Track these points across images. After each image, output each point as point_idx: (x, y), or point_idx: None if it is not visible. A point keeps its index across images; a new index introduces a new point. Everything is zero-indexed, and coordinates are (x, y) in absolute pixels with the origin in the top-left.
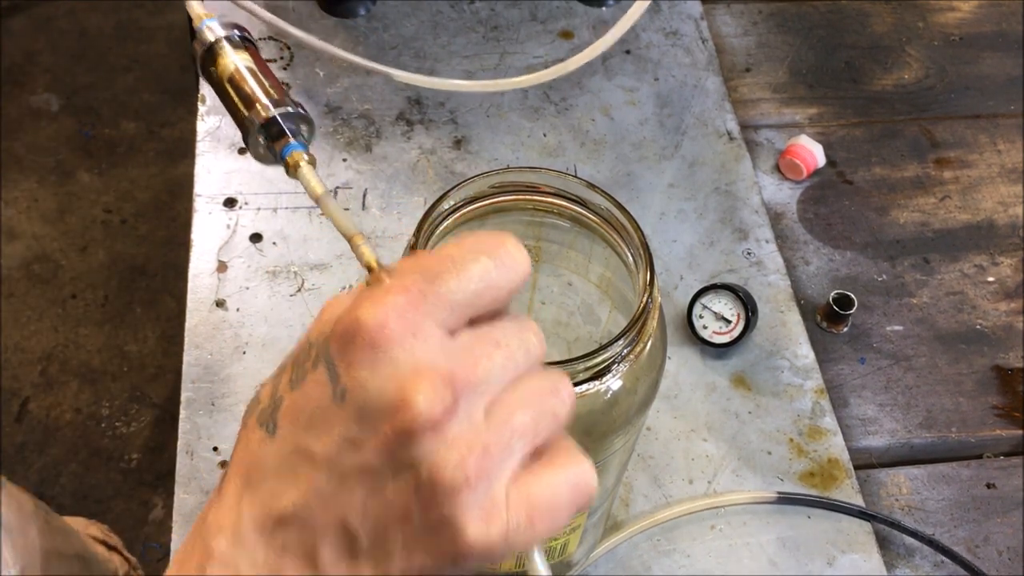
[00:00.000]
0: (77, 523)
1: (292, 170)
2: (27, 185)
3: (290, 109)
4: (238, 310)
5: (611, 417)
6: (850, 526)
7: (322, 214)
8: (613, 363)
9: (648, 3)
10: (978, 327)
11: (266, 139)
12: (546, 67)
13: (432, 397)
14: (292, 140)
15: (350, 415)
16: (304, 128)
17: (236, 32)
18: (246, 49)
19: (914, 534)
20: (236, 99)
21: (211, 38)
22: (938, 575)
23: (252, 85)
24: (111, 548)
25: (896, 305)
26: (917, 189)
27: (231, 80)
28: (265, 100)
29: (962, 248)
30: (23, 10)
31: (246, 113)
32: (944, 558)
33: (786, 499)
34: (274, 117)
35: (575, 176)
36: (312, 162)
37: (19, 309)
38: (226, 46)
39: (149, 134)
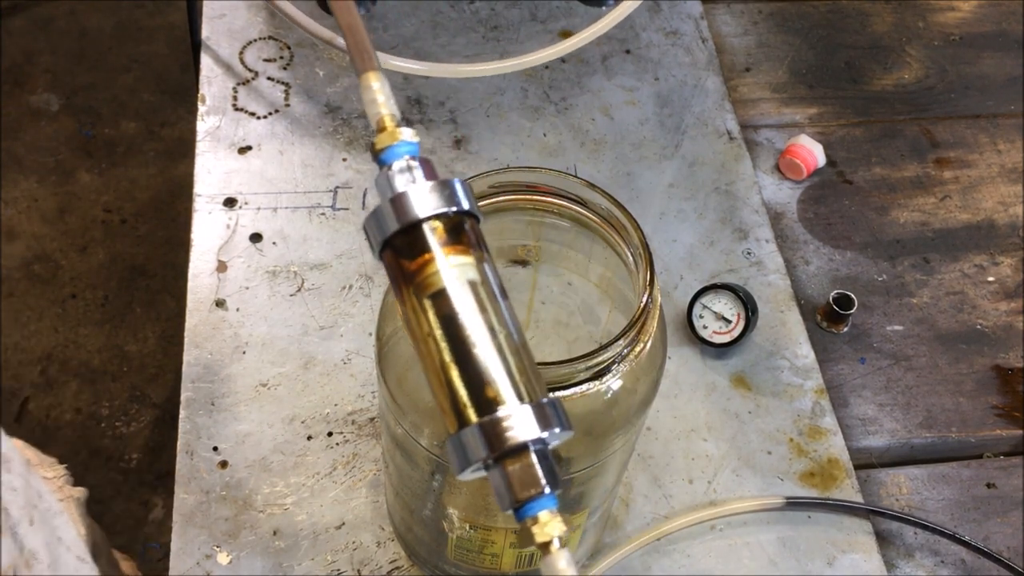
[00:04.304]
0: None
1: (539, 547)
2: (27, 185)
3: (551, 411)
4: (238, 310)
5: (611, 417)
6: (851, 526)
7: None
8: (613, 363)
9: None
10: (978, 327)
11: (494, 459)
12: (546, 67)
13: None
14: (544, 489)
15: None
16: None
17: (456, 204)
18: (468, 243)
19: (957, 540)
20: (447, 362)
21: (414, 212)
22: (939, 575)
23: (487, 346)
24: None
25: (896, 305)
26: (917, 189)
27: (445, 320)
28: (506, 388)
29: (962, 248)
30: (23, 10)
31: (467, 410)
32: (944, 559)
33: (793, 503)
34: (524, 444)
35: (575, 176)
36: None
37: (19, 309)
38: (433, 240)
39: (149, 134)
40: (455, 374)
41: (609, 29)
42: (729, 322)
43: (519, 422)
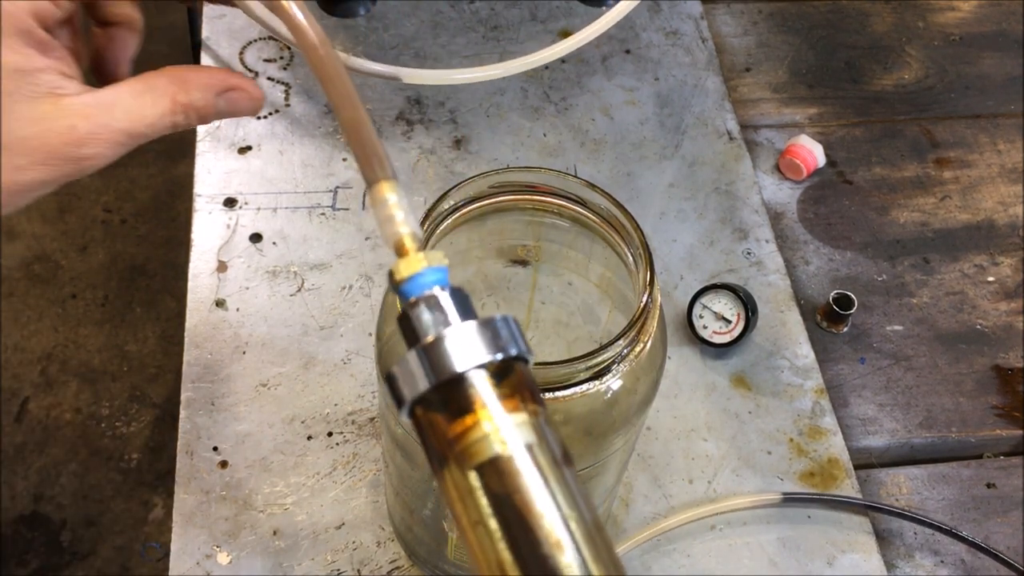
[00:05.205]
0: None
1: None
2: None
3: None
4: (238, 310)
5: (611, 417)
6: (850, 526)
7: None
8: (613, 363)
9: None
10: (978, 327)
11: None
12: (546, 67)
13: None
14: None
15: None
16: None
17: (502, 350)
18: (521, 395)
19: (955, 536)
20: (506, 560)
21: (452, 365)
22: (939, 575)
23: (557, 533)
24: None
25: (896, 305)
26: (917, 189)
27: (499, 501)
28: None
29: (962, 248)
30: None
31: None
32: (944, 559)
33: (791, 500)
34: None
35: (575, 176)
36: None
37: (19, 309)
38: (479, 397)
39: None
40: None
41: (610, 29)
42: (729, 322)
43: None
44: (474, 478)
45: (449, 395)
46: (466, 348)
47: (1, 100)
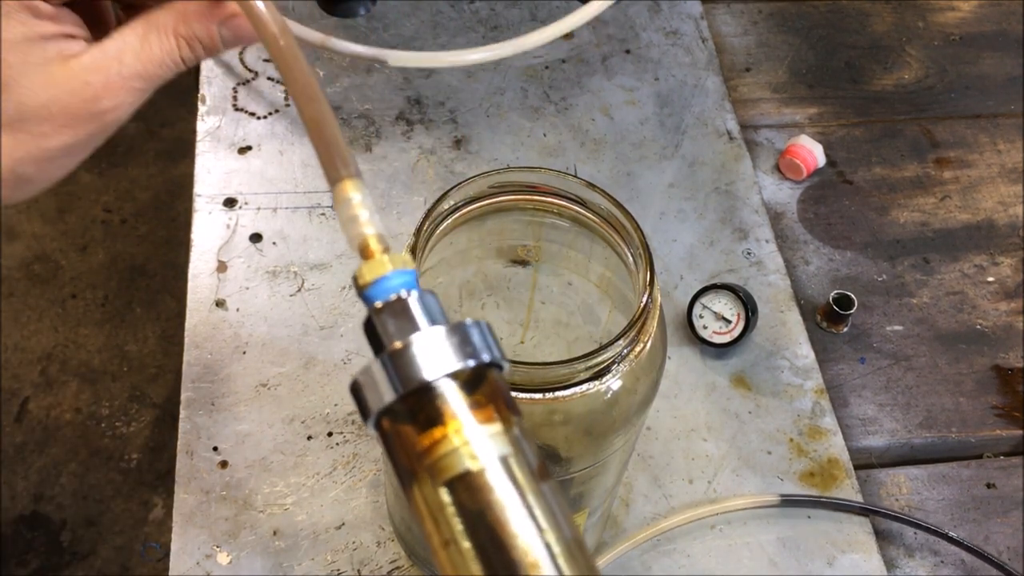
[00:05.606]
0: None
1: None
2: None
3: None
4: (238, 310)
5: (611, 417)
6: (850, 526)
7: None
8: (613, 363)
9: None
10: (978, 327)
11: None
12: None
13: None
14: None
15: None
16: None
17: (474, 356)
18: (494, 405)
19: (950, 540)
20: None
21: (421, 373)
22: (939, 575)
23: (534, 554)
24: None
25: (896, 305)
26: (917, 189)
27: (472, 518)
28: None
29: (962, 248)
30: None
31: None
32: (944, 559)
33: (789, 501)
34: None
35: (575, 176)
36: None
37: (19, 309)
38: (449, 407)
39: (149, 134)
40: None
41: (610, 29)
42: (729, 322)
43: None
44: (445, 494)
45: (417, 406)
46: (435, 355)
47: (11, 70)
